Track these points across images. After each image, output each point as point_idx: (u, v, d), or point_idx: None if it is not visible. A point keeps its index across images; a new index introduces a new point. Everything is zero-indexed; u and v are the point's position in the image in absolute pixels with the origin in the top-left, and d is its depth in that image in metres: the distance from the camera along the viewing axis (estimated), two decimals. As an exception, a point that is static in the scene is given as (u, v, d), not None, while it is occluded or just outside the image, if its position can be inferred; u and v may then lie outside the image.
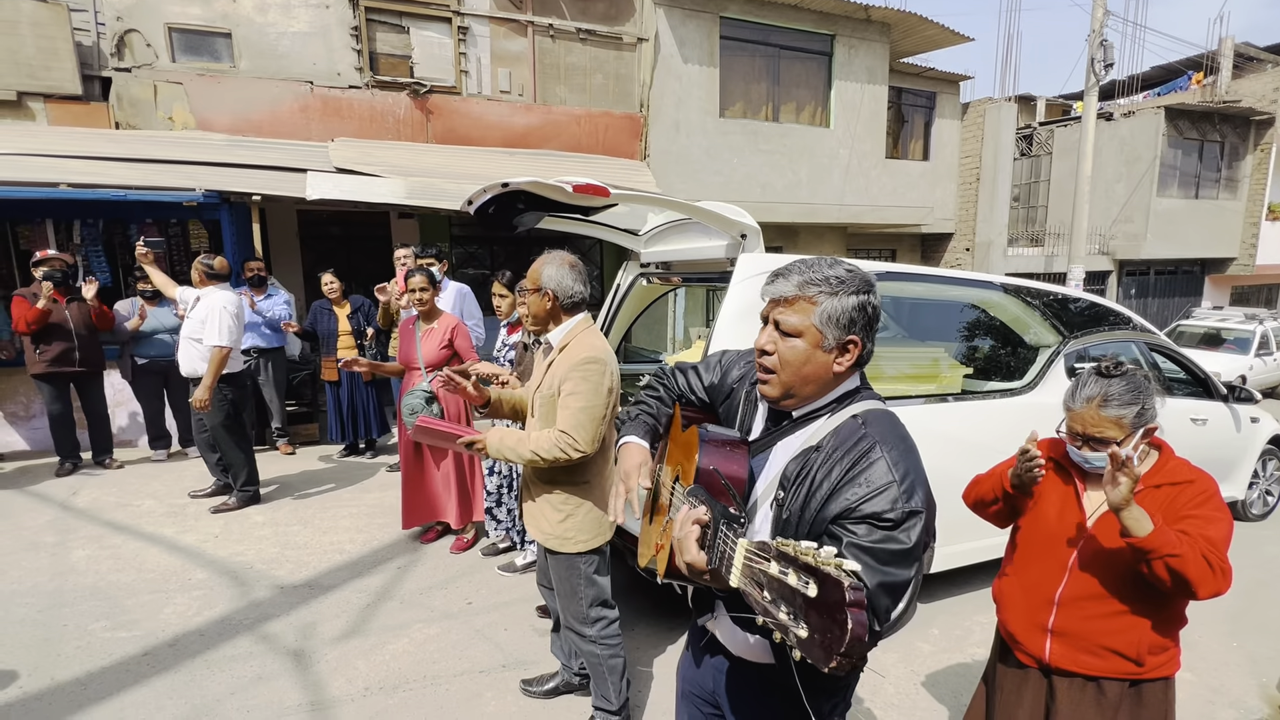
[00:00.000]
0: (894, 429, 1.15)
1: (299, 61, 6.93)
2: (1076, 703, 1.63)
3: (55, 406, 4.76)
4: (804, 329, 1.14)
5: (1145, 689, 1.60)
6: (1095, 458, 1.58)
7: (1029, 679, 1.73)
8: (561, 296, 2.10)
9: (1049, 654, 1.65)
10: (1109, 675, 1.59)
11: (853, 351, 1.15)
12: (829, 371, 1.15)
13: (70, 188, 4.98)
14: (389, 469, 5.22)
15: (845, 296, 1.13)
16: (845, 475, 1.08)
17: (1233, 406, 4.41)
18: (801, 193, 9.76)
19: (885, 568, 1.01)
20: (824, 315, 1.13)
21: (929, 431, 3.12)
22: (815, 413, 1.19)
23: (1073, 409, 1.60)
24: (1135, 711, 1.60)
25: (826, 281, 1.14)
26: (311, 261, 8.02)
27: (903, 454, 1.09)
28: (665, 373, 1.51)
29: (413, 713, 2.40)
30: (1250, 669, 2.89)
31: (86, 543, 3.75)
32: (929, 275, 3.63)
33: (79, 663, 2.63)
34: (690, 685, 1.49)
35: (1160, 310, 14.28)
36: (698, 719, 1.47)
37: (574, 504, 2.10)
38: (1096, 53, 10.44)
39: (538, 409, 2.12)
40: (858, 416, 1.15)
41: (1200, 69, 15.50)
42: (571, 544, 2.11)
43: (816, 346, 1.14)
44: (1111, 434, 1.53)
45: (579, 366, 2.01)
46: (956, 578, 3.47)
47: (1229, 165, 14.03)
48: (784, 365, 1.15)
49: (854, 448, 1.10)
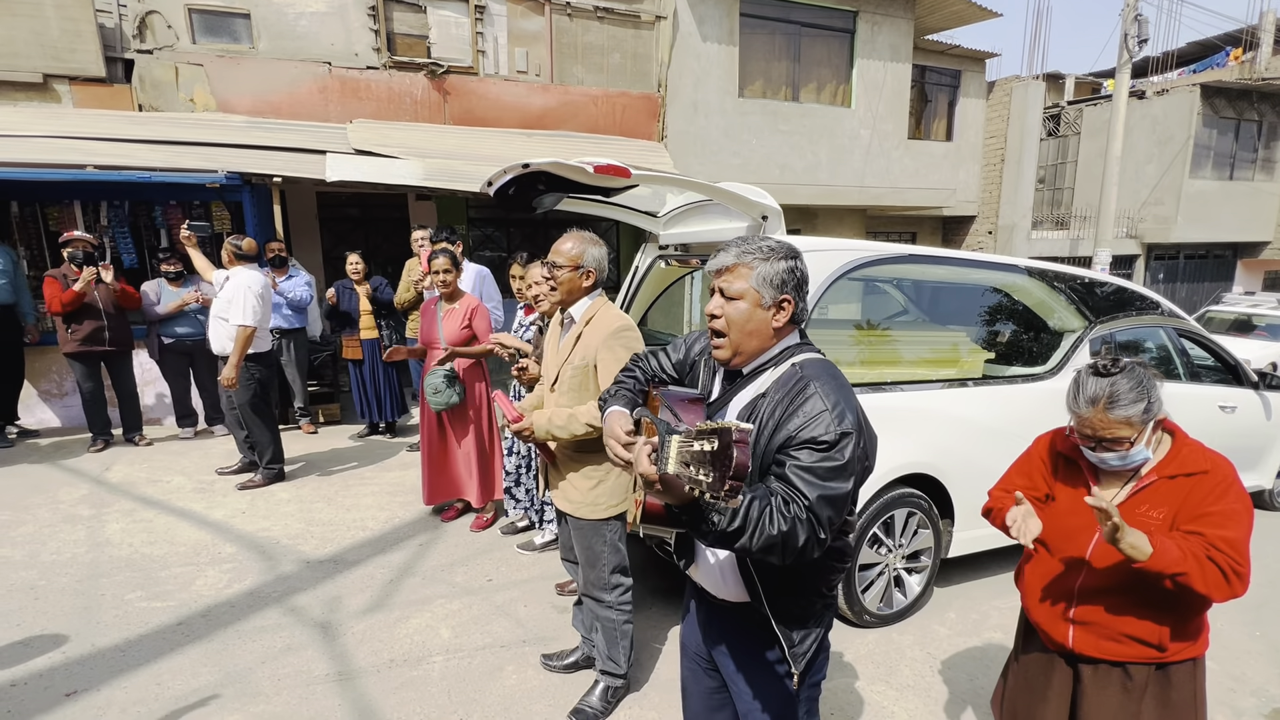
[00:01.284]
0: (827, 369, 1.30)
1: (317, 42, 6.93)
2: (1103, 687, 1.63)
3: (87, 385, 4.89)
4: (744, 291, 1.31)
5: (1173, 670, 1.59)
6: (1112, 458, 1.56)
7: (1055, 664, 1.73)
8: (599, 275, 2.18)
9: (1072, 641, 1.64)
10: (1134, 660, 1.58)
11: (787, 309, 1.33)
12: (769, 327, 1.33)
13: (97, 169, 5.06)
14: (409, 449, 5.30)
15: (776, 261, 1.31)
16: (786, 410, 1.23)
17: (1263, 394, 4.31)
18: (821, 174, 9.62)
19: (825, 483, 1.17)
20: (760, 277, 1.30)
21: (948, 415, 3.10)
22: (761, 367, 1.35)
23: (1079, 413, 1.55)
24: (1163, 693, 1.60)
25: (759, 250, 1.32)
26: (330, 242, 8.09)
27: (834, 388, 1.24)
28: (640, 356, 1.65)
29: (436, 685, 2.47)
30: (1273, 657, 2.86)
31: (120, 516, 3.87)
32: (952, 258, 3.58)
33: (118, 630, 2.73)
34: (687, 640, 1.64)
35: (1189, 295, 13.95)
36: (696, 673, 1.62)
37: (604, 469, 2.17)
38: (1130, 28, 10.11)
39: (567, 380, 2.16)
40: (796, 364, 1.31)
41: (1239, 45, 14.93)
42: (602, 509, 2.19)
43: (756, 305, 1.31)
44: (1124, 434, 1.50)
45: (617, 334, 2.10)
46: (973, 562, 3.47)
47: (1266, 145, 13.57)
48: (731, 325, 1.32)
49: (792, 388, 1.26)
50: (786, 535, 1.12)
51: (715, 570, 1.40)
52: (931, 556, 3.11)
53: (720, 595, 1.43)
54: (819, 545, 1.17)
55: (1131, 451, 1.52)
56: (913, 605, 3.10)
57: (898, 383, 3.11)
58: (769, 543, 1.12)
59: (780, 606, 1.32)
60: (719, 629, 1.49)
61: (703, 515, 1.11)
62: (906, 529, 3.01)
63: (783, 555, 1.15)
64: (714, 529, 1.11)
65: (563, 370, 2.16)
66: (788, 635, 1.34)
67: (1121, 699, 1.61)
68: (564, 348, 2.19)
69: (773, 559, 1.16)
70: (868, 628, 2.96)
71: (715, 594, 1.44)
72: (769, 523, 1.12)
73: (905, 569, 3.06)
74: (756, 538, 1.12)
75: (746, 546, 1.13)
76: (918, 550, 3.07)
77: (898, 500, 2.93)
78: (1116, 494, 1.61)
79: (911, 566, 3.08)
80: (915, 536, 3.04)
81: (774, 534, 1.12)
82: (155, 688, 2.39)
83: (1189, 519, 1.50)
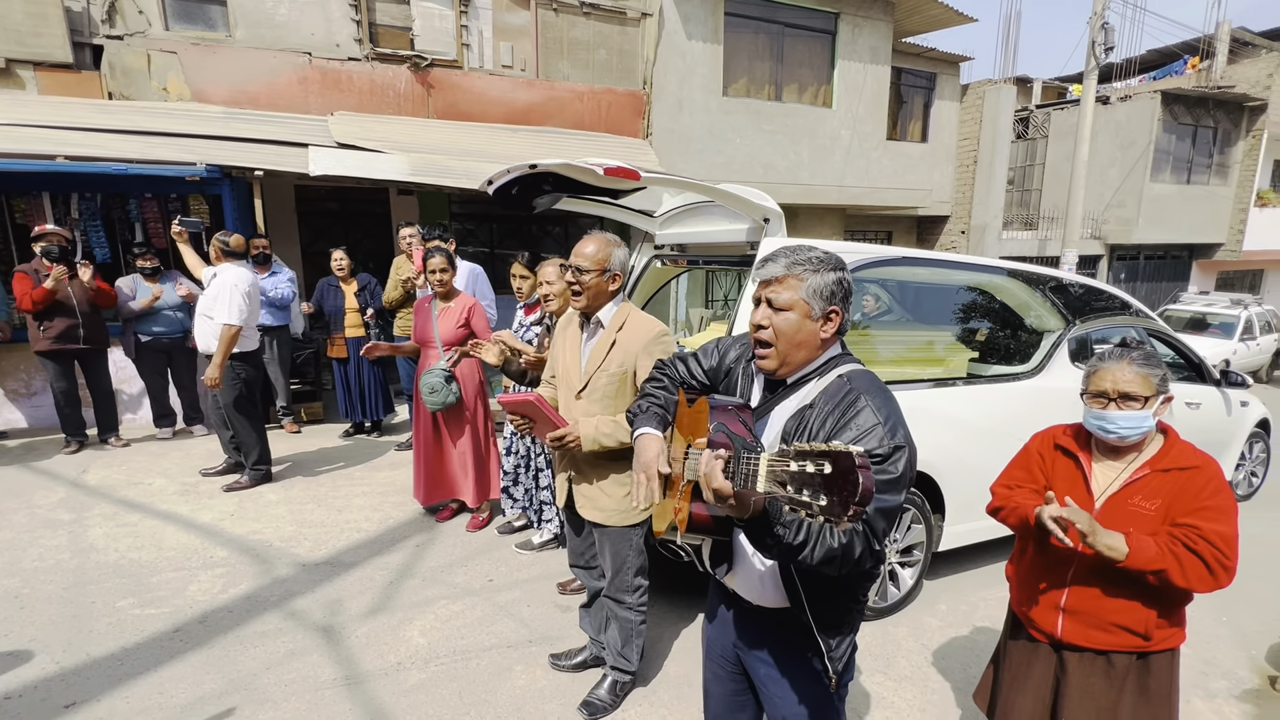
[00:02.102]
0: (874, 383, 1.31)
1: (296, 31, 6.75)
2: (1087, 674, 1.72)
3: (60, 384, 4.72)
4: (794, 303, 1.31)
5: (1153, 660, 1.69)
6: (1120, 418, 1.64)
7: (1039, 652, 1.81)
8: (625, 278, 2.17)
9: (1061, 630, 1.73)
10: (1119, 649, 1.68)
11: (835, 320, 1.34)
12: (817, 338, 1.33)
13: (68, 160, 4.87)
14: (398, 448, 5.25)
15: (826, 273, 1.32)
16: (838, 423, 1.23)
17: (1225, 390, 4.54)
18: (803, 174, 9.74)
19: (880, 495, 1.16)
20: (810, 289, 1.31)
21: (935, 414, 3.21)
22: (805, 377, 1.35)
23: (1105, 368, 1.68)
24: (1143, 681, 1.70)
25: (809, 262, 1.32)
26: (309, 238, 7.92)
27: (884, 401, 1.26)
28: (665, 363, 1.64)
29: (446, 686, 2.47)
30: (1240, 642, 3.04)
31: (102, 520, 3.76)
32: (940, 260, 3.68)
33: (112, 639, 2.67)
34: (712, 644, 1.63)
35: (1149, 294, 14.51)
36: (721, 676, 1.62)
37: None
38: (1097, 35, 10.44)
39: (601, 389, 2.14)
40: (843, 376, 1.32)
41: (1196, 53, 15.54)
42: (635, 515, 2.21)
43: (806, 317, 1.32)
44: (1140, 390, 1.62)
45: (656, 340, 2.10)
46: (961, 556, 3.59)
47: (1221, 151, 14.17)
48: (779, 336, 1.32)
49: (842, 400, 1.26)
50: (846, 547, 1.15)
51: (756, 578, 1.41)
52: (923, 550, 3.21)
53: (758, 602, 1.44)
54: (873, 556, 1.20)
55: (1140, 413, 1.62)
56: (906, 598, 3.20)
57: (891, 382, 3.19)
58: (829, 555, 1.15)
59: (820, 613, 1.34)
60: (754, 634, 1.50)
61: (769, 529, 1.13)
62: (900, 524, 3.10)
63: (840, 566, 1.17)
64: (780, 542, 1.13)
65: (595, 378, 2.14)
66: (827, 641, 1.36)
67: (1104, 687, 1.70)
68: (595, 354, 2.16)
69: (829, 570, 1.18)
70: (865, 621, 3.05)
71: (753, 600, 1.45)
72: (829, 536, 1.14)
73: (899, 563, 3.16)
74: (818, 550, 1.14)
75: (808, 559, 1.15)
76: (910, 545, 3.17)
77: (893, 497, 3.02)
78: (1111, 484, 1.70)
79: (905, 561, 3.18)
80: (908, 532, 3.14)
81: (834, 547, 1.14)
82: (158, 696, 2.34)
83: (1185, 512, 1.59)
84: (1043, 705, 1.81)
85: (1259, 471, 5.13)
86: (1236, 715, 2.54)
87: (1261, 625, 3.19)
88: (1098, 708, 1.71)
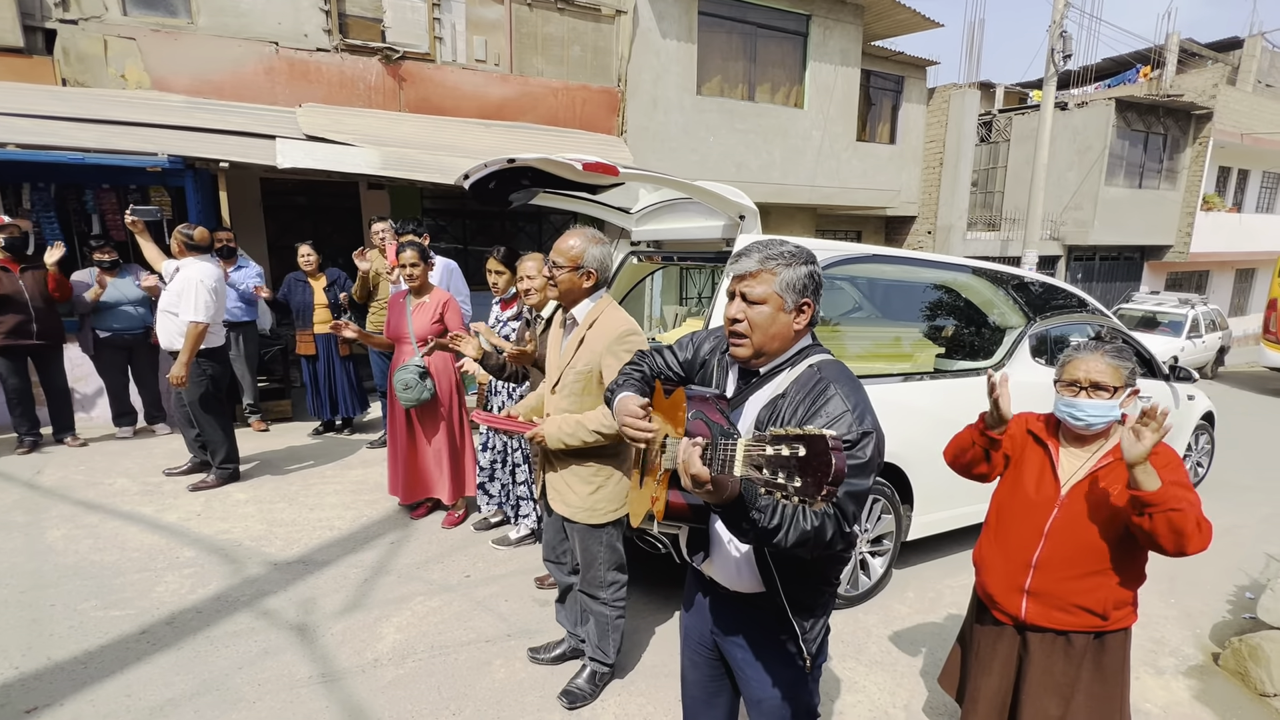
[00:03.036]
0: (844, 372, 1.36)
1: (262, 20, 6.58)
2: (1048, 654, 1.81)
3: (12, 381, 4.53)
4: (768, 296, 1.35)
5: (1108, 639, 1.79)
6: (1089, 406, 1.72)
7: (1004, 635, 1.90)
8: (601, 275, 2.16)
9: (1025, 613, 1.81)
10: (1078, 629, 1.77)
11: (807, 312, 1.38)
12: (790, 330, 1.38)
13: (20, 149, 4.68)
14: (370, 445, 5.18)
15: (798, 267, 1.37)
16: (809, 411, 1.28)
17: (1173, 385, 4.77)
18: (775, 173, 9.87)
19: (850, 479, 1.21)
20: (783, 283, 1.35)
21: (904, 407, 3.30)
22: (778, 368, 1.40)
23: (1079, 358, 1.77)
24: (1099, 659, 1.80)
25: (782, 256, 1.37)
26: (276, 231, 7.73)
27: (853, 389, 1.31)
28: (643, 353, 1.68)
29: (424, 681, 2.46)
30: (1186, 623, 3.21)
31: (60, 522, 3.63)
32: (909, 258, 3.79)
33: (75, 642, 2.59)
34: (689, 632, 1.67)
35: (1103, 294, 15.08)
36: (698, 662, 1.66)
37: (604, 475, 2.18)
38: (1056, 43, 10.80)
39: (569, 385, 2.15)
40: (814, 365, 1.37)
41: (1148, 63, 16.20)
42: (600, 514, 2.20)
43: (779, 310, 1.36)
44: (1111, 380, 1.71)
45: (621, 340, 2.08)
46: (929, 545, 3.71)
47: (1170, 157, 14.80)
48: (754, 328, 1.36)
49: (813, 389, 1.30)
50: (818, 530, 1.18)
51: (732, 564, 1.45)
52: (893, 540, 3.31)
53: (734, 587, 1.47)
54: (843, 538, 1.24)
55: (1108, 403, 1.71)
56: (876, 586, 3.30)
57: (861, 377, 3.28)
58: (803, 537, 1.18)
59: (794, 596, 1.39)
60: (730, 620, 1.53)
61: (744, 513, 1.16)
62: (871, 514, 3.20)
63: (813, 549, 1.21)
64: (755, 526, 1.17)
65: (565, 374, 2.15)
66: (801, 624, 1.41)
67: (1063, 666, 1.80)
68: (566, 351, 2.17)
69: (802, 552, 1.22)
70: (836, 609, 3.13)
71: (729, 586, 1.48)
72: (802, 519, 1.18)
73: (870, 553, 3.25)
74: (792, 533, 1.18)
75: (782, 542, 1.19)
76: (880, 535, 3.27)
77: (864, 488, 3.10)
78: (1077, 471, 1.79)
79: (875, 550, 3.28)
80: (878, 522, 3.24)
81: (808, 529, 1.18)
82: (125, 699, 2.29)
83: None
84: (1007, 685, 1.89)
85: (1204, 462, 5.40)
86: (1183, 689, 2.69)
87: (1205, 606, 3.37)
88: (1057, 685, 1.80)
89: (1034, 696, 1.82)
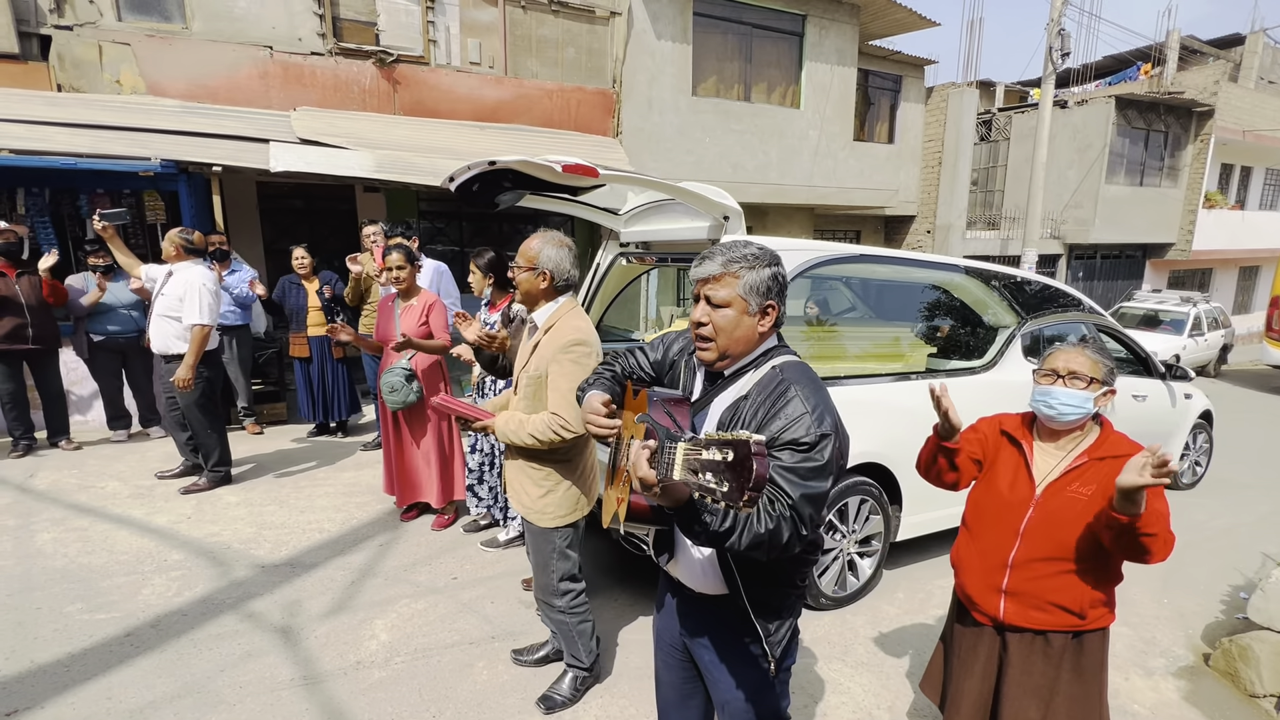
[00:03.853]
0: (805, 373, 1.35)
1: (257, 24, 6.61)
2: (1026, 654, 1.80)
3: (7, 385, 4.56)
4: (731, 299, 1.34)
5: (1086, 639, 1.78)
6: (1063, 394, 1.73)
7: (984, 636, 1.89)
8: (557, 278, 2.15)
9: (1003, 613, 1.80)
10: (1056, 629, 1.76)
11: (771, 314, 1.37)
12: (754, 332, 1.37)
13: (13, 154, 4.70)
14: (364, 448, 5.18)
15: (761, 269, 1.35)
16: (769, 413, 1.27)
17: (1170, 384, 4.74)
18: (771, 174, 9.86)
19: (806, 482, 1.21)
20: (746, 286, 1.34)
21: (894, 407, 3.29)
22: (742, 369, 1.39)
23: (1061, 351, 1.80)
24: (1077, 660, 1.78)
25: (745, 259, 1.34)
26: (272, 235, 7.76)
27: (813, 391, 1.29)
28: (617, 354, 1.66)
29: (407, 684, 2.46)
30: (1179, 623, 3.18)
31: (50, 525, 3.64)
32: (897, 258, 3.78)
33: (58, 645, 2.59)
34: (661, 632, 1.67)
35: (1105, 293, 15.02)
36: (670, 664, 1.66)
37: (554, 480, 2.17)
38: (1055, 42, 10.76)
39: (523, 388, 2.16)
40: (776, 367, 1.35)
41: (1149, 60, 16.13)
42: (548, 518, 2.19)
43: (743, 313, 1.34)
44: (1087, 370, 1.73)
45: (566, 349, 2.06)
46: (918, 546, 3.69)
47: (1171, 155, 14.73)
48: (719, 332, 1.35)
49: (774, 390, 1.30)
50: (773, 533, 1.17)
51: (696, 565, 1.44)
52: (881, 541, 3.29)
53: (699, 589, 1.47)
54: (800, 541, 1.22)
55: (1082, 393, 1.72)
56: (864, 588, 3.28)
57: (850, 376, 3.27)
58: (756, 540, 1.17)
59: (757, 598, 1.38)
60: (696, 621, 1.53)
61: (696, 516, 1.15)
62: (859, 515, 3.18)
63: (768, 552, 1.20)
64: (706, 529, 1.15)
65: (521, 377, 2.15)
66: (765, 626, 1.40)
67: (1042, 666, 1.78)
68: (523, 354, 2.17)
69: (758, 555, 1.21)
70: (823, 610, 3.12)
71: (694, 588, 1.48)
72: (756, 522, 1.16)
73: (858, 553, 3.24)
74: (745, 536, 1.16)
75: (735, 545, 1.17)
76: (869, 535, 3.25)
77: (851, 488, 3.09)
78: (1051, 471, 1.78)
79: (863, 551, 3.26)
80: (867, 522, 3.22)
81: (761, 532, 1.17)
82: (106, 702, 2.29)
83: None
84: (988, 686, 1.88)
85: (1202, 461, 5.36)
86: (1172, 690, 2.66)
87: (1198, 606, 3.34)
88: (1036, 685, 1.78)
89: (1013, 698, 1.81)
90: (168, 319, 3.91)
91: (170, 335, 3.91)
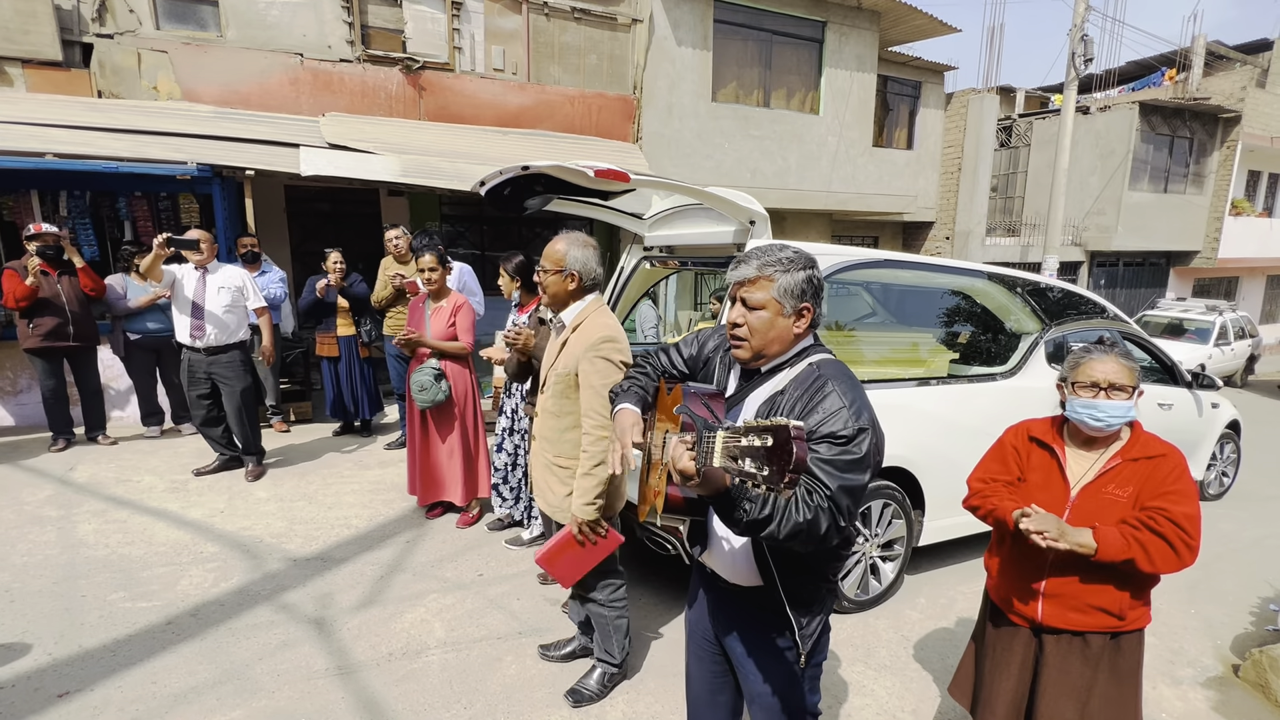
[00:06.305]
0: (842, 370, 1.38)
1: (288, 32, 6.78)
2: (1064, 655, 1.81)
3: (49, 382, 4.71)
4: (766, 302, 1.38)
5: (1123, 640, 1.79)
6: (1110, 407, 1.74)
7: (1019, 636, 1.90)
8: (585, 278, 2.20)
9: (1041, 614, 1.81)
10: (1095, 630, 1.77)
11: (807, 315, 1.40)
12: (790, 333, 1.40)
13: (57, 158, 4.87)
14: (388, 446, 5.28)
15: (796, 272, 1.38)
16: (806, 407, 1.30)
17: (1196, 393, 4.69)
18: (790, 179, 9.87)
19: (844, 474, 1.24)
20: (781, 289, 1.37)
21: (917, 412, 3.30)
22: (778, 367, 1.43)
23: (1093, 361, 1.79)
24: (1115, 660, 1.79)
25: (780, 262, 1.38)
26: (299, 237, 7.92)
27: (850, 386, 1.32)
28: (649, 353, 1.70)
29: (437, 676, 2.52)
30: (1206, 633, 3.15)
31: (91, 517, 3.76)
32: (920, 263, 3.79)
33: (104, 631, 2.69)
34: (694, 626, 1.71)
35: (1128, 300, 14.80)
36: (702, 657, 1.69)
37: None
38: (1077, 47, 10.68)
39: (551, 386, 2.21)
40: (813, 364, 1.39)
41: (1173, 66, 15.90)
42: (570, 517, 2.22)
43: (778, 314, 1.38)
44: (1128, 381, 1.75)
45: (596, 346, 2.10)
46: (941, 551, 3.69)
47: (1197, 161, 14.50)
48: (754, 333, 1.39)
49: (811, 386, 1.33)
50: (811, 523, 1.20)
51: (729, 556, 1.48)
52: (904, 545, 3.30)
53: (733, 580, 1.50)
54: (838, 533, 1.25)
55: (1127, 403, 1.74)
56: (887, 591, 3.29)
57: (873, 380, 3.29)
58: (795, 530, 1.20)
59: (791, 589, 1.41)
60: (729, 613, 1.56)
61: (735, 504, 1.17)
62: (882, 519, 3.19)
63: (806, 541, 1.22)
64: (746, 516, 1.18)
65: (549, 375, 2.20)
66: (798, 619, 1.42)
67: (1080, 667, 1.79)
68: (551, 352, 2.21)
69: (796, 545, 1.24)
70: (846, 614, 3.13)
71: (728, 579, 1.51)
72: (795, 511, 1.19)
73: (880, 557, 3.25)
74: (784, 525, 1.19)
75: (774, 534, 1.20)
76: (891, 539, 3.26)
77: (874, 492, 3.11)
78: (1086, 474, 1.79)
79: (886, 555, 3.27)
80: (889, 527, 3.23)
81: (800, 521, 1.19)
82: (151, 686, 2.37)
83: (1153, 495, 1.69)
84: (1024, 687, 1.89)
85: (1229, 471, 5.28)
86: (1200, 700, 2.64)
87: (1227, 616, 3.31)
88: (1073, 687, 1.79)
89: (1050, 699, 1.82)
90: (232, 312, 4.24)
91: (231, 325, 4.25)
